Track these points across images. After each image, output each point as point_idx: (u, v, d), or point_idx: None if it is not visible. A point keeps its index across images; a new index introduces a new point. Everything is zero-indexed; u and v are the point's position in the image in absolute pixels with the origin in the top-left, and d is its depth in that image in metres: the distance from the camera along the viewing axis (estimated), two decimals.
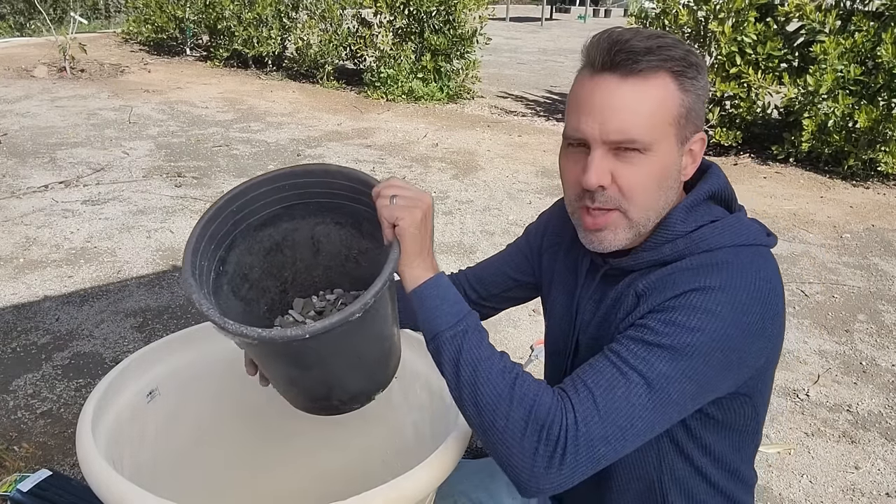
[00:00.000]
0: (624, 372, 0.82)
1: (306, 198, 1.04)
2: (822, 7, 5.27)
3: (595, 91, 0.88)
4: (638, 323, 0.87)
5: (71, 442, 2.06)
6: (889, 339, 2.95)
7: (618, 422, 0.80)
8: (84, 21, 10.15)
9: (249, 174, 4.70)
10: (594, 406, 0.80)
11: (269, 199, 1.03)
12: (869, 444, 2.27)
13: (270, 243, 1.08)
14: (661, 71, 0.85)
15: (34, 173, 4.48)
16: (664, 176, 0.89)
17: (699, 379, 0.83)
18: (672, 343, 0.82)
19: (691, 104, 0.88)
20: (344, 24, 7.99)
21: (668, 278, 0.88)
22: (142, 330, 2.73)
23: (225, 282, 1.02)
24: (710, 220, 0.91)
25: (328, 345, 0.88)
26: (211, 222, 0.97)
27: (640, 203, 0.89)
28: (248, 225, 1.04)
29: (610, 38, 0.87)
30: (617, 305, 0.95)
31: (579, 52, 0.94)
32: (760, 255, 0.90)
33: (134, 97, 6.84)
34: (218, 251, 1.00)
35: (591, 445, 0.79)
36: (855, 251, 3.89)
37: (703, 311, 0.83)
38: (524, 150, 5.72)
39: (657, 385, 0.81)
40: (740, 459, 1.01)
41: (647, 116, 0.85)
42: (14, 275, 3.14)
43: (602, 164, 0.88)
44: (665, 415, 0.83)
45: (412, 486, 0.86)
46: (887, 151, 4.96)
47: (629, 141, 0.86)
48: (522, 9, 21.96)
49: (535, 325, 2.91)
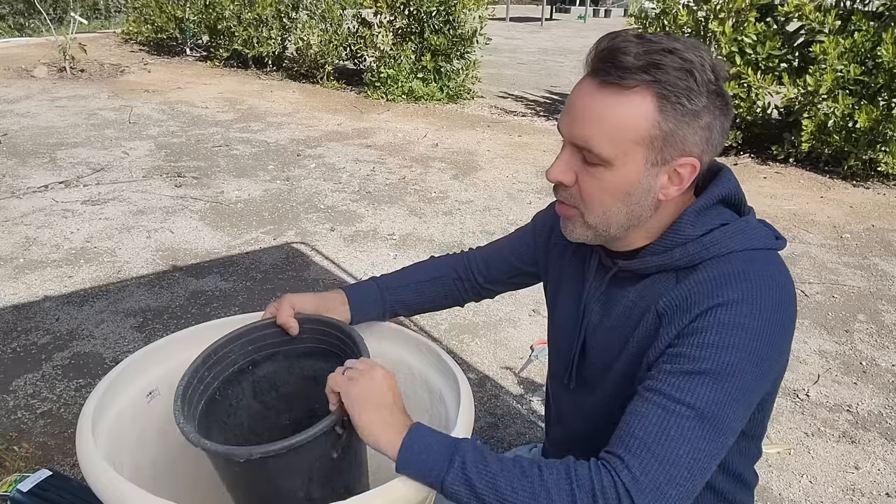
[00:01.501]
0: (671, 410, 0.81)
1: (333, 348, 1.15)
2: (822, 7, 5.27)
3: (576, 91, 0.88)
4: (669, 353, 0.85)
5: (71, 442, 2.06)
6: (889, 339, 2.95)
7: (679, 461, 0.79)
8: (84, 21, 10.14)
9: (249, 174, 4.70)
10: (650, 453, 0.79)
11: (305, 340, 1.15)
12: (869, 444, 2.27)
13: (311, 372, 1.16)
14: (643, 88, 0.83)
15: (34, 173, 4.48)
16: (625, 192, 0.88)
17: (743, 397, 0.82)
18: (711, 367, 0.81)
19: (672, 128, 0.84)
20: (344, 24, 7.99)
21: (687, 294, 0.87)
22: (142, 330, 2.73)
23: (248, 384, 1.13)
24: (721, 224, 0.90)
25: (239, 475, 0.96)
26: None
27: (597, 212, 0.90)
28: (291, 351, 1.16)
29: (609, 43, 0.85)
30: (631, 317, 0.94)
31: (579, 52, 0.93)
32: (772, 261, 0.90)
33: (134, 97, 6.84)
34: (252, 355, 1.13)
35: (660, 492, 0.78)
36: (855, 251, 3.89)
37: (731, 326, 0.82)
38: (524, 150, 5.72)
39: (709, 412, 0.80)
40: (745, 464, 1.01)
41: (613, 130, 0.84)
42: (14, 275, 3.14)
43: (567, 162, 0.89)
44: (723, 441, 0.82)
45: (412, 487, 0.86)
46: (887, 151, 4.96)
47: (587, 150, 0.86)
48: (522, 9, 21.96)
49: (535, 325, 2.91)
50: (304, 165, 4.98)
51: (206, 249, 3.52)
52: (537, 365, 2.59)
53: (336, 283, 3.21)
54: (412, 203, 4.30)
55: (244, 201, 4.22)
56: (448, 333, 2.84)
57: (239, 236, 3.70)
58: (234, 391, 1.11)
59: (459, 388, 1.05)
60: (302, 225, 3.90)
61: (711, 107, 0.85)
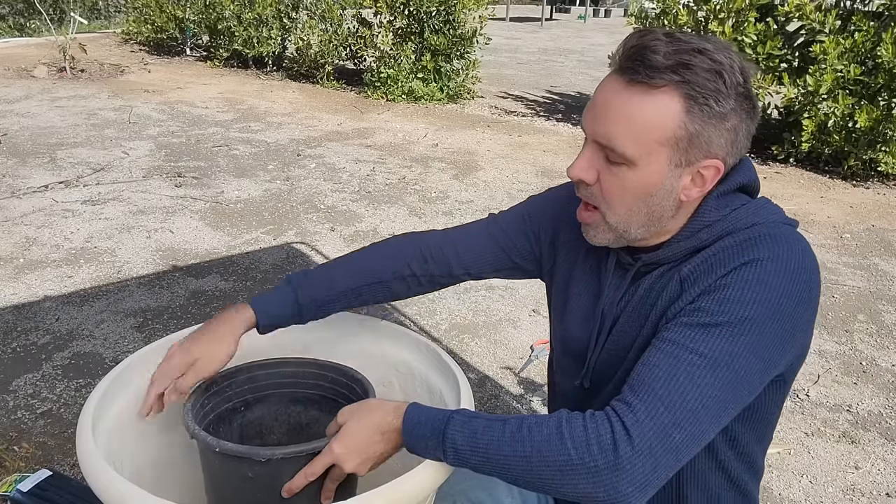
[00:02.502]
0: (682, 358, 0.80)
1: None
2: (822, 7, 5.27)
3: (601, 88, 0.87)
4: (689, 308, 0.85)
5: (71, 442, 2.06)
6: (889, 339, 2.95)
7: (686, 405, 0.77)
8: (84, 21, 10.14)
9: (249, 174, 4.70)
10: (656, 397, 0.78)
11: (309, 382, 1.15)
12: (869, 444, 2.27)
13: (296, 422, 1.16)
14: (671, 88, 0.82)
15: (34, 173, 4.48)
16: (648, 193, 0.87)
17: (762, 352, 0.81)
18: (729, 319, 0.80)
19: (698, 130, 0.84)
20: (344, 24, 7.99)
21: (713, 258, 0.87)
22: (142, 330, 2.73)
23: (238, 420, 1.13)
24: (742, 204, 0.91)
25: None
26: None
27: (618, 211, 0.89)
28: (284, 395, 1.15)
29: (638, 41, 0.84)
30: (652, 293, 0.93)
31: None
32: (795, 231, 0.90)
33: (134, 97, 6.84)
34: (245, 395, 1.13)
35: (664, 433, 0.76)
36: (855, 251, 3.89)
37: (755, 282, 0.82)
38: (524, 150, 5.72)
39: (722, 362, 0.79)
40: (759, 450, 1.00)
41: (638, 130, 0.83)
42: (14, 275, 3.14)
43: (589, 160, 0.88)
44: (736, 393, 0.80)
45: (412, 487, 0.86)
46: (887, 151, 4.96)
47: (610, 149, 0.85)
48: (522, 9, 21.95)
49: (535, 325, 2.90)
50: (304, 165, 4.98)
51: (206, 249, 3.52)
52: (537, 365, 2.59)
53: None
54: (412, 203, 4.30)
55: (244, 201, 4.22)
56: (448, 333, 2.84)
57: (239, 236, 3.70)
58: (225, 430, 1.11)
59: (459, 388, 1.05)
60: (302, 225, 3.90)
61: (739, 109, 0.85)
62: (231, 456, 0.92)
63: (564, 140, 6.14)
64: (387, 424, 0.89)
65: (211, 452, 0.94)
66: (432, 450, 0.86)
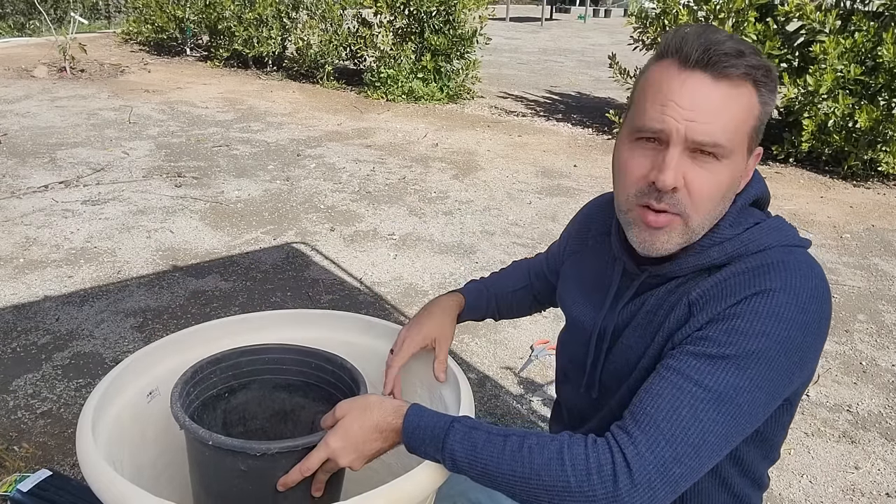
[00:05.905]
0: (687, 390, 0.79)
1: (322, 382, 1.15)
2: (822, 7, 5.27)
3: (685, 87, 0.82)
4: (696, 336, 0.83)
5: (71, 442, 2.06)
6: (889, 339, 2.95)
7: (688, 440, 0.77)
8: (84, 21, 10.14)
9: (249, 174, 4.70)
10: (658, 430, 0.77)
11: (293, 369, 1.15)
12: (869, 444, 2.27)
13: (280, 408, 1.17)
14: (747, 79, 0.83)
15: (34, 173, 4.48)
16: (731, 186, 0.86)
17: (768, 386, 0.80)
18: (736, 352, 0.79)
19: (763, 117, 0.85)
20: (344, 24, 7.99)
21: (723, 284, 0.85)
22: (142, 330, 2.73)
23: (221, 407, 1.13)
24: (755, 223, 0.90)
25: None
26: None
27: (704, 211, 0.86)
28: (267, 381, 1.15)
29: (705, 35, 0.83)
30: (659, 312, 0.91)
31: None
32: (808, 256, 0.89)
33: (134, 97, 6.84)
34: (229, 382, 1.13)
35: (664, 468, 0.76)
36: (855, 251, 3.89)
37: (766, 314, 0.80)
38: (524, 150, 5.72)
39: (727, 397, 0.78)
40: (764, 467, 0.99)
41: (734, 124, 0.83)
42: (14, 275, 3.14)
43: (679, 166, 0.83)
44: (738, 427, 0.80)
45: (412, 487, 0.86)
46: (887, 151, 4.96)
47: (713, 145, 0.82)
48: (522, 9, 21.95)
49: (535, 326, 2.91)
50: (304, 165, 4.98)
51: (206, 249, 3.52)
52: (537, 365, 2.59)
53: (336, 283, 3.21)
54: (412, 203, 4.30)
55: (244, 201, 4.22)
56: None
57: (239, 236, 3.70)
58: (209, 417, 1.10)
59: (459, 388, 1.05)
60: (302, 225, 3.90)
61: (771, 100, 0.87)
62: (224, 450, 0.91)
63: (564, 140, 6.14)
64: (386, 424, 0.89)
65: (202, 445, 0.93)
66: (430, 455, 0.86)
